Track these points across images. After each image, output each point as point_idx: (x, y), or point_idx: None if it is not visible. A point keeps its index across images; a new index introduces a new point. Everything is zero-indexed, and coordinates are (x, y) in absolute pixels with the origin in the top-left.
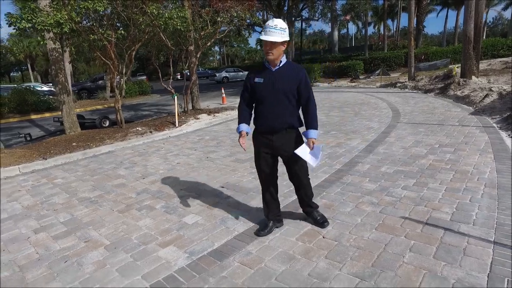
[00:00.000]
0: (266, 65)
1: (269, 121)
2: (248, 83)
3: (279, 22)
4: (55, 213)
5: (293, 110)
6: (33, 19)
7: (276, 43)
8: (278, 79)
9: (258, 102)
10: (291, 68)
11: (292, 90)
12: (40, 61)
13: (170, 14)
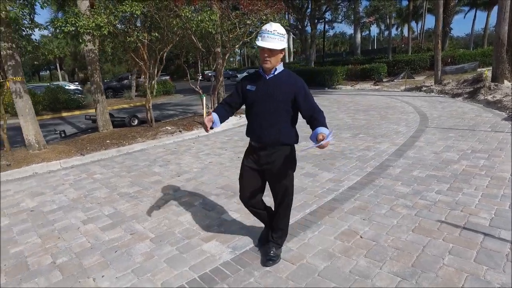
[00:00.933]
0: (260, 72)
1: (257, 134)
2: (239, 89)
3: (277, 27)
4: (99, 206)
5: (285, 125)
6: (76, 22)
7: (275, 51)
8: (271, 88)
9: (249, 112)
10: (287, 77)
11: (286, 102)
12: (68, 61)
13: (202, 17)
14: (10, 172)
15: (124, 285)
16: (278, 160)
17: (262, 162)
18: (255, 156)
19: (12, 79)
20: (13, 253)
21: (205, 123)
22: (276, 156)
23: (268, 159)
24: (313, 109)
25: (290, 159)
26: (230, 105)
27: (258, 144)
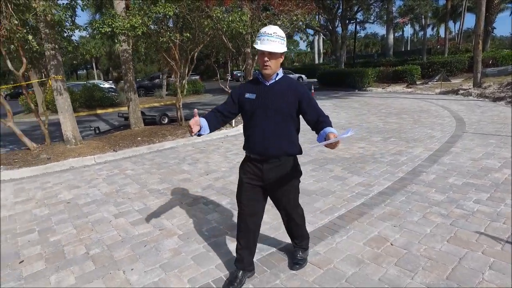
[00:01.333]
0: (259, 78)
1: (260, 145)
2: (235, 97)
3: (277, 30)
4: (130, 201)
5: (290, 134)
6: (112, 23)
7: (275, 54)
8: (273, 95)
9: (248, 122)
10: (289, 83)
11: (290, 110)
12: (103, 61)
13: (232, 18)
14: (50, 165)
15: (152, 279)
16: (284, 173)
17: (266, 177)
18: (257, 171)
19: (54, 77)
20: (52, 241)
21: (189, 125)
22: (282, 169)
23: (273, 174)
24: (318, 113)
25: (297, 170)
26: (223, 113)
27: (261, 157)
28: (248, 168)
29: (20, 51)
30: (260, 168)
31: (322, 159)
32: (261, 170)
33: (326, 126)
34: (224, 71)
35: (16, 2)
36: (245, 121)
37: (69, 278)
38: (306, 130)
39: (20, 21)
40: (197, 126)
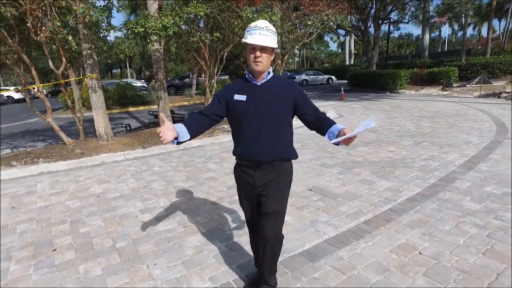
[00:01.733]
0: (248, 77)
1: (252, 151)
2: (222, 99)
3: (268, 24)
4: (156, 197)
5: (284, 138)
6: (145, 24)
7: (267, 49)
8: (265, 96)
9: (238, 126)
10: (282, 82)
11: (284, 111)
12: (136, 60)
13: (263, 18)
14: (83, 160)
15: (174, 275)
16: (276, 180)
17: (258, 184)
18: (249, 179)
19: (90, 76)
20: (81, 232)
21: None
22: (274, 175)
23: (264, 180)
24: (316, 111)
25: (289, 176)
26: (208, 116)
27: (253, 164)
28: (239, 176)
29: (60, 51)
30: (251, 175)
31: (349, 162)
32: (253, 177)
33: (331, 123)
34: None
35: (59, 5)
36: (234, 125)
37: (96, 268)
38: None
39: (62, 23)
40: (170, 132)
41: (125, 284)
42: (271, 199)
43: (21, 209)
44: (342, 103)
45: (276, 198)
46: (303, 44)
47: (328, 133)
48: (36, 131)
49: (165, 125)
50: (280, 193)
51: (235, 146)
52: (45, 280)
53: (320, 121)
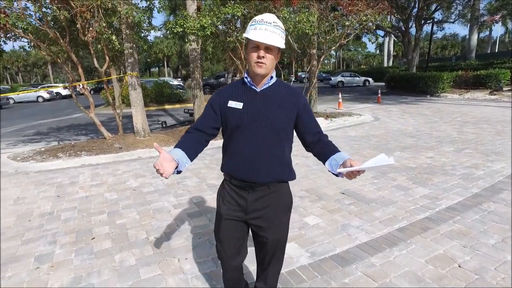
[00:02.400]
0: (247, 81)
1: (246, 169)
2: (215, 107)
3: (277, 19)
4: (189, 193)
5: (284, 155)
6: (184, 24)
7: (273, 49)
8: (266, 105)
9: (231, 138)
10: (286, 90)
11: (286, 124)
12: (174, 59)
13: (299, 18)
14: (121, 154)
15: (203, 270)
16: (273, 204)
17: (250, 209)
18: (240, 201)
19: (130, 74)
20: (118, 223)
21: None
22: (271, 199)
23: (259, 205)
24: (320, 131)
25: (289, 200)
26: (204, 132)
27: (246, 184)
28: (228, 197)
29: (104, 50)
30: (243, 197)
31: (385, 167)
32: (245, 200)
33: (335, 149)
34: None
35: (106, 7)
36: (226, 136)
37: (130, 259)
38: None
39: (107, 23)
40: (168, 163)
41: (157, 276)
42: (270, 227)
43: (65, 198)
44: (379, 106)
45: (275, 225)
46: (340, 45)
47: (330, 160)
48: (79, 126)
49: (161, 157)
50: (279, 220)
51: (225, 161)
52: (84, 266)
53: (321, 143)
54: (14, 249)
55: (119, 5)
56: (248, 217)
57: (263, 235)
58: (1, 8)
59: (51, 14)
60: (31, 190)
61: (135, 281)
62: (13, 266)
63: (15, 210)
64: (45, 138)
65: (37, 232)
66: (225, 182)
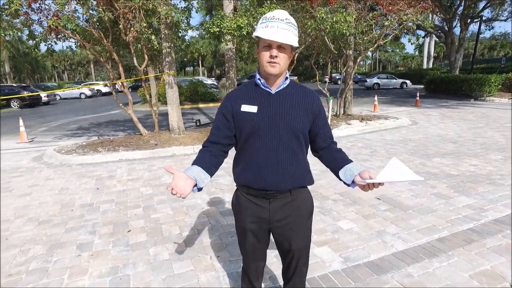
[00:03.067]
0: (260, 83)
1: (267, 178)
2: (227, 113)
3: (289, 16)
4: (221, 192)
5: (304, 159)
6: (221, 24)
7: (286, 47)
8: (282, 107)
9: (246, 145)
10: (302, 91)
11: (304, 127)
12: (209, 59)
13: (337, 18)
14: (156, 150)
15: (235, 269)
16: (296, 211)
17: (273, 219)
18: (260, 212)
19: (167, 72)
20: (152, 218)
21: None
22: (293, 206)
23: (282, 213)
24: (331, 134)
25: (310, 206)
26: (220, 143)
27: (265, 194)
28: (244, 209)
29: (144, 49)
30: (264, 207)
31: (423, 173)
32: (266, 210)
33: (348, 159)
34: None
35: (147, 8)
36: (240, 144)
37: (164, 253)
38: None
39: (147, 24)
40: (184, 181)
41: (189, 272)
42: (294, 235)
43: (103, 191)
44: (417, 109)
45: (299, 232)
46: (377, 46)
47: (345, 170)
48: (118, 121)
49: (175, 178)
50: (303, 226)
51: (240, 171)
52: (121, 257)
53: (332, 150)
54: (59, 235)
55: (159, 6)
56: (271, 226)
57: (287, 243)
58: (54, 11)
59: (97, 15)
60: (73, 182)
61: (168, 275)
62: (58, 252)
63: (60, 200)
64: (86, 133)
65: (79, 222)
66: (241, 194)
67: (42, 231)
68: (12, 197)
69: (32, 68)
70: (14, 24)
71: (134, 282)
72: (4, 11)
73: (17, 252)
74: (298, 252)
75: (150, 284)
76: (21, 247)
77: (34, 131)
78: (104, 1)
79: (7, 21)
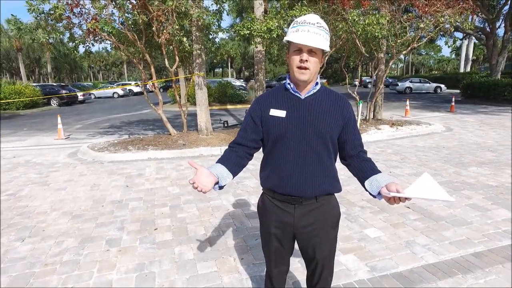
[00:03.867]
0: (289, 87)
1: (293, 183)
2: (255, 117)
3: (320, 20)
4: (247, 194)
5: (332, 166)
6: (251, 26)
7: (317, 52)
8: (311, 113)
9: (273, 150)
10: (332, 97)
11: (333, 134)
12: (237, 60)
13: (369, 20)
14: (184, 150)
15: (258, 273)
16: (321, 219)
17: (298, 225)
18: (285, 218)
19: (197, 74)
20: (179, 217)
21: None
22: (319, 213)
23: (307, 220)
24: (361, 142)
25: (337, 214)
26: (246, 145)
27: (293, 198)
28: (270, 214)
29: (175, 51)
30: (289, 212)
31: (457, 182)
32: (291, 215)
33: (376, 168)
34: (352, 76)
35: (179, 11)
36: (267, 148)
37: (189, 252)
38: None
39: (179, 26)
40: (206, 178)
41: (213, 272)
42: (318, 243)
43: (132, 188)
44: (452, 115)
45: (324, 241)
46: (411, 49)
47: (371, 180)
48: (148, 121)
49: (198, 172)
50: (328, 235)
51: (267, 175)
52: (147, 254)
53: (360, 159)
54: (90, 230)
55: (191, 9)
56: (296, 232)
57: (312, 251)
58: (93, 15)
59: (132, 18)
60: (104, 178)
61: (192, 275)
62: (89, 246)
63: (92, 195)
64: (118, 131)
65: (109, 218)
66: (266, 197)
67: (75, 224)
68: (49, 191)
69: (71, 68)
70: (57, 27)
71: (159, 280)
72: (50, 16)
73: (52, 243)
74: (322, 260)
75: (174, 283)
76: (56, 238)
77: (70, 128)
78: (139, 4)
79: (51, 25)
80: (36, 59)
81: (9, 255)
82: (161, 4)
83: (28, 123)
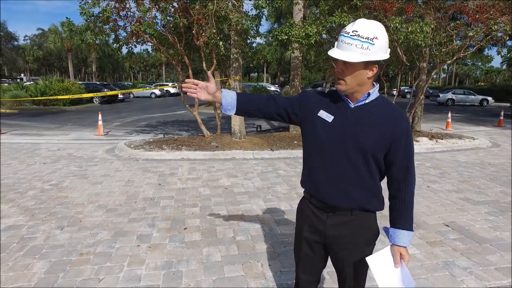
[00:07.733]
0: (341, 94)
1: (326, 191)
2: (303, 102)
3: (363, 27)
4: (278, 200)
5: (371, 181)
6: (289, 32)
7: (351, 65)
8: (358, 123)
9: (313, 152)
10: (386, 110)
11: (375, 148)
12: (273, 65)
13: (412, 28)
14: (217, 153)
15: (286, 281)
16: (355, 234)
17: (328, 234)
18: (318, 224)
19: (234, 77)
20: (208, 218)
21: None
22: (352, 228)
23: (338, 231)
24: (408, 169)
25: (373, 234)
26: (276, 106)
27: (324, 206)
28: (306, 218)
29: (212, 54)
30: (322, 219)
31: (505, 203)
32: (323, 223)
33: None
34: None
35: (219, 15)
36: (308, 148)
37: (216, 254)
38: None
39: (218, 30)
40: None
41: (240, 276)
42: (348, 258)
43: (165, 187)
44: (500, 130)
45: (355, 258)
46: (456, 59)
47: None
48: (182, 121)
49: (206, 83)
50: (361, 252)
51: (305, 176)
52: (176, 253)
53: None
54: (123, 224)
55: (231, 13)
56: (326, 241)
57: (341, 264)
58: (137, 18)
59: (173, 21)
60: (138, 175)
61: (219, 277)
62: (121, 240)
63: (126, 191)
64: (154, 130)
65: (140, 214)
66: (305, 200)
67: (109, 218)
68: (87, 184)
69: (113, 68)
70: (104, 29)
71: (186, 280)
72: (98, 18)
73: (88, 234)
74: (351, 275)
75: (200, 283)
76: (91, 230)
77: (109, 125)
78: (181, 8)
79: (99, 27)
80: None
81: (50, 242)
82: (202, 8)
83: (72, 119)
